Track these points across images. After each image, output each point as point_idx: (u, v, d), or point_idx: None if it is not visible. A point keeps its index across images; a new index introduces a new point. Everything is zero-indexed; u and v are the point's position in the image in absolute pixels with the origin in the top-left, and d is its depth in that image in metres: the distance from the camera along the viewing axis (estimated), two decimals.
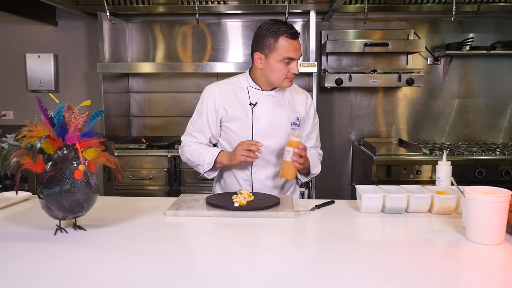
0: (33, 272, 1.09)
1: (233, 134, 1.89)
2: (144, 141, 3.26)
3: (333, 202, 1.71)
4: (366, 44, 3.24)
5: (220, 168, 1.93)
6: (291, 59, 1.78)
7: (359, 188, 1.61)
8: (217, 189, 2.03)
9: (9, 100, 3.75)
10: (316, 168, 1.94)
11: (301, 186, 2.18)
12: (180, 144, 2.00)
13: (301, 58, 3.50)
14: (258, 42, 1.81)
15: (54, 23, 3.64)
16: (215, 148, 1.92)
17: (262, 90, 1.89)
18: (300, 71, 3.12)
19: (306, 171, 1.91)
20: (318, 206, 1.64)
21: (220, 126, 1.92)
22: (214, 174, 1.94)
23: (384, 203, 1.56)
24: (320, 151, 2.08)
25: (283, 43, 1.76)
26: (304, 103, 1.99)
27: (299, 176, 1.93)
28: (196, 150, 1.91)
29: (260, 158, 1.81)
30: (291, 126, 1.91)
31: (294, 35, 1.77)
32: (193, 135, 1.93)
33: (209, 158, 1.86)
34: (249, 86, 1.91)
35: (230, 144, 1.91)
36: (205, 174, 1.92)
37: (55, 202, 1.29)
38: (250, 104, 1.88)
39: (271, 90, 1.90)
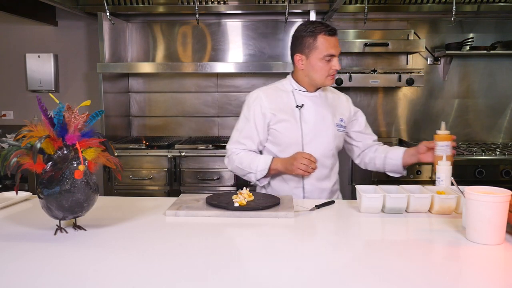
0: (33, 272, 1.08)
1: (282, 136, 1.89)
2: (144, 142, 3.26)
3: (333, 202, 1.71)
4: (366, 44, 3.24)
5: (272, 175, 1.92)
6: (332, 56, 1.81)
7: (359, 188, 1.61)
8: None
9: (9, 100, 3.75)
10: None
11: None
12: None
13: None
14: (297, 44, 1.85)
15: (54, 23, 3.64)
16: (266, 155, 1.91)
17: (307, 91, 1.92)
18: None
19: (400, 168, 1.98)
20: (318, 206, 1.64)
21: (268, 130, 1.92)
22: (266, 181, 1.93)
23: (384, 203, 1.56)
24: (377, 141, 2.12)
25: (322, 41, 1.80)
26: (346, 104, 2.03)
27: (398, 170, 2.00)
28: (246, 157, 1.89)
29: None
30: (336, 128, 1.93)
31: (331, 32, 1.81)
32: (241, 142, 1.92)
33: (262, 165, 1.85)
34: (294, 88, 1.93)
35: (279, 147, 1.91)
36: (257, 182, 1.92)
37: (55, 202, 1.29)
38: (297, 106, 1.90)
39: (315, 91, 1.92)
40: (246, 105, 1.94)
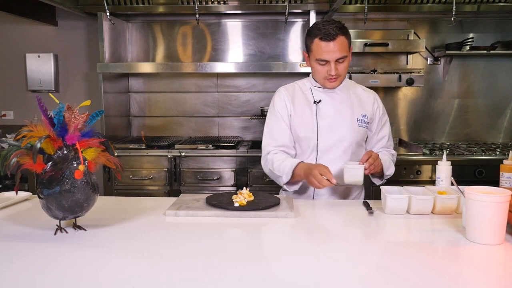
0: (33, 272, 1.08)
1: (298, 129, 1.91)
2: (143, 136, 3.23)
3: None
4: (366, 44, 3.24)
5: (301, 181, 1.85)
6: (326, 61, 1.79)
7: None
8: (284, 192, 2.03)
9: (9, 100, 3.75)
10: (389, 170, 1.93)
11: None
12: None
13: (300, 58, 3.54)
14: (305, 42, 1.88)
15: (54, 23, 3.64)
16: (295, 159, 1.86)
17: (324, 88, 1.92)
18: (300, 71, 3.15)
19: (380, 174, 1.90)
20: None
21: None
22: (295, 187, 1.87)
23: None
24: (393, 152, 2.05)
25: (316, 45, 1.79)
26: (371, 102, 1.98)
27: (373, 179, 1.94)
28: (278, 159, 1.86)
29: (327, 153, 1.87)
30: (357, 123, 1.91)
31: (327, 37, 1.75)
32: (274, 137, 1.93)
33: (288, 168, 1.80)
34: (312, 86, 1.95)
35: (298, 142, 1.94)
36: (285, 186, 1.86)
37: (55, 202, 1.29)
38: (314, 102, 1.91)
39: (334, 88, 1.91)
40: (272, 103, 1.99)
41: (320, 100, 1.91)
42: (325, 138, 1.89)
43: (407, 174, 2.93)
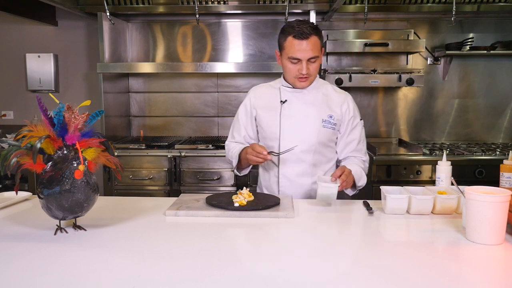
0: (33, 272, 1.08)
1: (263, 131, 1.98)
2: (142, 135, 3.22)
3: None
4: (366, 44, 3.23)
5: (250, 166, 2.00)
6: (298, 60, 1.80)
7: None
8: (258, 189, 2.12)
9: (9, 100, 3.75)
10: (361, 181, 1.88)
11: None
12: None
13: None
14: (278, 40, 1.88)
15: (54, 23, 3.64)
16: (242, 145, 1.99)
17: (293, 88, 1.93)
18: None
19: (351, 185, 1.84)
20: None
21: (256, 125, 2.02)
22: (245, 171, 2.04)
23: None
24: (364, 158, 1.99)
25: (289, 43, 1.79)
26: (341, 103, 1.94)
27: (345, 190, 1.89)
28: (231, 148, 2.03)
29: (289, 154, 1.85)
30: (322, 123, 1.89)
31: (301, 35, 1.75)
32: (233, 135, 2.08)
33: (236, 153, 1.95)
34: (282, 85, 1.96)
35: (263, 140, 2.00)
36: (236, 171, 2.04)
37: (55, 202, 1.29)
38: (281, 101, 1.93)
39: (304, 88, 1.91)
40: (244, 101, 2.07)
41: (286, 100, 1.93)
42: (288, 138, 1.89)
43: (407, 174, 2.93)
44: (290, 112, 1.91)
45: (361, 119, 2.00)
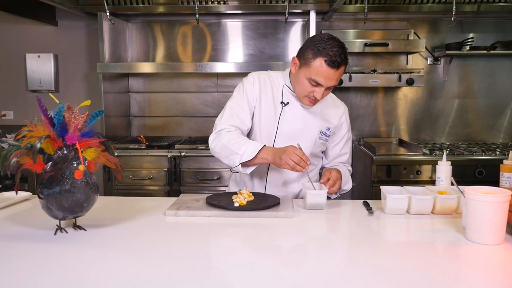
0: (33, 272, 1.08)
1: (257, 128, 1.82)
2: (143, 137, 3.23)
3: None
4: (366, 44, 3.23)
5: (257, 165, 1.75)
6: (318, 84, 1.68)
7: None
8: (231, 184, 2.02)
9: (9, 100, 3.75)
10: (347, 184, 1.89)
11: None
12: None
13: None
14: (302, 48, 1.73)
15: (54, 23, 3.64)
16: (259, 142, 1.73)
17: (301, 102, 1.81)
18: None
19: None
20: None
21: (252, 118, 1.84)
22: (250, 169, 1.73)
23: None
24: (350, 168, 2.00)
25: (318, 65, 1.64)
26: (339, 115, 1.90)
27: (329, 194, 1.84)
28: (237, 138, 1.72)
29: None
30: (318, 135, 1.84)
31: (333, 63, 1.62)
32: (235, 116, 1.79)
33: (251, 149, 1.66)
34: (285, 84, 1.84)
35: (254, 138, 1.84)
36: (239, 167, 1.70)
37: (55, 202, 1.29)
38: (282, 102, 1.82)
39: None
40: (241, 84, 1.86)
41: (288, 103, 1.82)
42: (282, 143, 1.76)
43: (407, 174, 2.93)
44: (290, 117, 1.81)
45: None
